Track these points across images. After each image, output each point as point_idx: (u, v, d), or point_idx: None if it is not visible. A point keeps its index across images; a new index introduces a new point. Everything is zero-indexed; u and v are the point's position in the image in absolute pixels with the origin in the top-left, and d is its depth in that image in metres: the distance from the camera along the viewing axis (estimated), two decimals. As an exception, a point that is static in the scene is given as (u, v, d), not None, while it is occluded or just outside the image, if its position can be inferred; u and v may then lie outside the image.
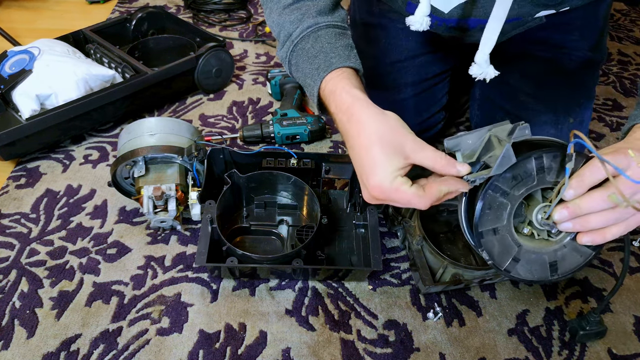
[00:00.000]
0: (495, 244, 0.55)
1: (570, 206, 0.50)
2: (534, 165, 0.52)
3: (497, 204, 0.53)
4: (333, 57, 0.61)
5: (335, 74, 0.60)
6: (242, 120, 1.10)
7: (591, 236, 0.52)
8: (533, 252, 0.56)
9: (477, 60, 0.65)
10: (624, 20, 1.62)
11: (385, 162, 0.51)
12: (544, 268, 0.57)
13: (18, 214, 0.85)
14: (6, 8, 1.52)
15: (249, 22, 1.49)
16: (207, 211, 0.74)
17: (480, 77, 0.67)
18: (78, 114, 0.95)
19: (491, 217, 0.54)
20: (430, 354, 0.69)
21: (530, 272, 0.57)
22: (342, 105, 0.57)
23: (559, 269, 0.57)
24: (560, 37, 0.83)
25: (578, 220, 0.51)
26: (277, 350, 0.68)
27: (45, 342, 0.67)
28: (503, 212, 0.54)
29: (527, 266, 0.57)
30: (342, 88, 0.58)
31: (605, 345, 0.71)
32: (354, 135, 0.55)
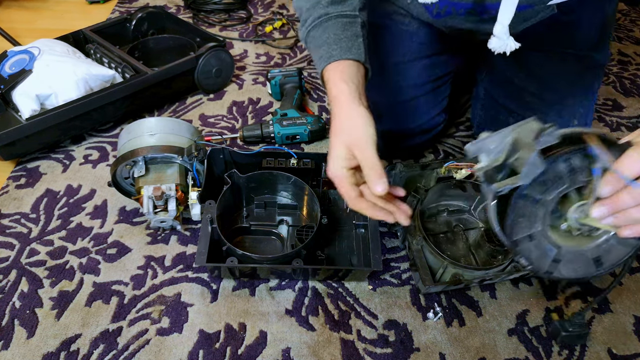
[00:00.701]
0: (533, 249, 0.53)
1: (609, 202, 0.48)
2: (564, 168, 0.48)
3: (529, 211, 0.51)
4: (334, 50, 0.66)
5: (332, 66, 0.66)
6: (242, 120, 1.10)
7: (634, 229, 0.49)
8: (573, 251, 0.54)
9: (496, 33, 0.66)
10: (624, 20, 1.62)
11: (336, 150, 0.61)
12: (588, 264, 0.54)
13: (18, 214, 0.85)
14: (6, 8, 1.52)
15: (249, 22, 1.49)
16: (207, 211, 0.74)
17: (500, 50, 0.67)
18: (78, 114, 0.95)
19: (525, 225, 0.51)
20: (430, 354, 0.69)
21: (573, 271, 0.54)
22: (330, 95, 0.65)
23: (604, 262, 0.55)
24: (568, 38, 0.83)
25: (620, 214, 0.48)
26: (277, 350, 0.68)
27: (45, 342, 0.67)
28: (536, 218, 0.51)
29: (569, 265, 0.54)
30: (332, 81, 0.65)
31: (605, 345, 0.71)
32: (332, 122, 0.64)
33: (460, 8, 0.75)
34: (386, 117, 0.92)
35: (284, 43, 1.39)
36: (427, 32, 0.88)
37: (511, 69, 0.89)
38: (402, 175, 0.84)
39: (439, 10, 0.76)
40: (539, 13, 0.74)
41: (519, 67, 0.88)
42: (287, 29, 1.47)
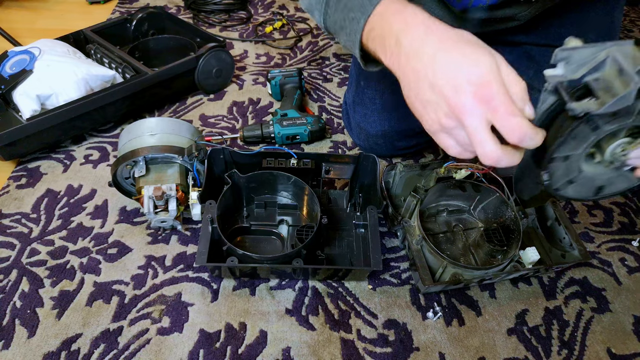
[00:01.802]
0: (561, 168, 0.54)
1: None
2: (639, 106, 0.47)
3: (583, 135, 0.50)
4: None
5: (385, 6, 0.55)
6: (242, 121, 1.10)
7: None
8: (589, 177, 0.56)
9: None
10: (624, 20, 1.62)
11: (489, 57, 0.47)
12: (590, 190, 0.57)
13: (19, 214, 0.85)
14: (6, 8, 1.52)
15: (249, 22, 1.49)
16: (207, 211, 0.75)
17: None
18: (78, 114, 0.95)
19: (571, 146, 0.51)
20: (429, 354, 0.69)
21: (577, 192, 0.57)
22: (417, 18, 0.52)
23: (604, 191, 0.58)
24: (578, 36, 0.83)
25: None
26: (277, 350, 0.69)
27: (46, 341, 0.68)
28: (584, 142, 0.51)
29: (577, 187, 0.57)
30: (413, 8, 0.53)
31: (604, 344, 0.72)
32: (437, 35, 0.50)
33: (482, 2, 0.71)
34: (387, 117, 0.92)
35: (284, 43, 1.39)
36: None
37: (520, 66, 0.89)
38: (402, 175, 0.84)
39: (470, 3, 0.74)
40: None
41: (528, 64, 0.88)
42: (287, 29, 1.47)
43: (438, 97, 0.49)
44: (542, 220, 0.83)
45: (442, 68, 0.48)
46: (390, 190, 0.86)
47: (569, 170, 0.55)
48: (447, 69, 0.48)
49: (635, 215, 0.92)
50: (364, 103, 0.94)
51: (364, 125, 0.95)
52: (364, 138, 0.97)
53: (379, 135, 0.94)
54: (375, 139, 0.95)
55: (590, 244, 0.86)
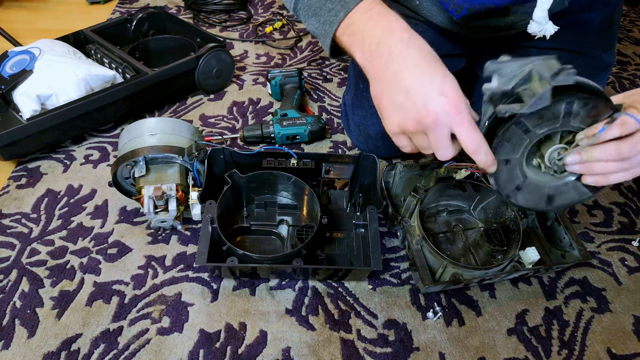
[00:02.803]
0: (504, 173, 0.58)
1: (583, 153, 0.53)
2: (562, 109, 0.52)
3: (516, 138, 0.55)
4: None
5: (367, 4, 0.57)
6: (243, 121, 1.10)
7: (595, 178, 0.55)
8: (536, 184, 0.59)
9: (536, 18, 0.66)
10: (623, 20, 1.62)
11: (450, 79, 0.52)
12: (541, 199, 0.60)
13: (19, 214, 0.85)
14: (6, 8, 1.52)
15: (249, 22, 1.49)
16: (207, 211, 0.75)
17: (540, 34, 0.69)
18: (79, 114, 0.95)
19: (507, 149, 0.56)
20: (429, 354, 0.69)
21: (527, 200, 0.60)
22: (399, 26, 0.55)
23: (555, 202, 0.60)
24: (578, 38, 0.83)
25: (587, 165, 0.54)
26: (277, 350, 0.69)
27: (46, 341, 0.68)
28: (520, 146, 0.56)
29: (526, 195, 0.60)
30: (395, 15, 0.56)
31: (604, 344, 0.72)
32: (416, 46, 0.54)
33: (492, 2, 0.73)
34: None
35: (284, 43, 1.39)
36: (432, 36, 0.88)
37: None
38: (402, 175, 0.84)
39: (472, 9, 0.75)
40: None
41: None
42: (287, 29, 1.47)
43: (410, 102, 0.52)
44: (542, 220, 0.83)
45: (420, 77, 0.52)
46: (390, 190, 0.86)
47: (513, 176, 0.58)
48: (425, 78, 0.52)
49: (635, 215, 0.92)
50: (363, 105, 0.94)
51: (363, 127, 0.95)
52: (364, 139, 0.97)
53: (379, 137, 0.94)
54: (375, 140, 0.95)
55: (590, 244, 0.86)
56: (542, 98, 0.49)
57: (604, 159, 0.53)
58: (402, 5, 0.88)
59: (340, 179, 0.90)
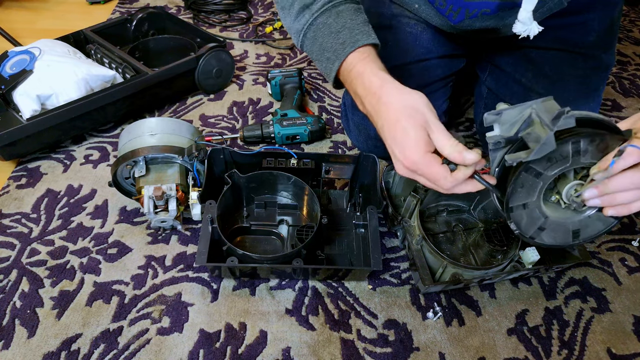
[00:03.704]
0: (524, 217, 0.58)
1: (600, 186, 0.53)
2: (570, 149, 0.52)
3: (529, 183, 0.55)
4: (357, 34, 0.65)
5: (360, 54, 0.64)
6: (243, 121, 1.10)
7: (617, 209, 0.55)
8: (558, 222, 0.59)
9: (521, 18, 0.68)
10: (623, 20, 1.62)
11: (414, 135, 0.56)
12: (567, 235, 0.60)
13: (19, 214, 0.85)
14: (6, 8, 1.52)
15: (249, 22, 1.49)
16: (207, 211, 0.75)
17: (524, 34, 0.70)
18: (79, 114, 0.95)
19: (522, 195, 0.56)
20: (429, 354, 0.69)
21: (553, 238, 0.60)
22: (372, 87, 0.61)
23: (580, 235, 0.60)
24: (578, 38, 0.83)
25: (606, 197, 0.54)
26: (277, 350, 0.69)
27: (46, 341, 0.68)
28: (534, 190, 0.56)
29: (550, 234, 0.59)
30: (370, 71, 0.62)
31: (604, 344, 0.72)
32: (383, 114, 0.59)
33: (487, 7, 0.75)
34: None
35: (284, 43, 1.39)
36: (431, 35, 0.88)
37: (519, 68, 0.89)
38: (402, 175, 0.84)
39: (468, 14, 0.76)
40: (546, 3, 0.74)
41: (527, 67, 0.88)
42: (287, 29, 1.47)
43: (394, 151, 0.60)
44: (542, 220, 0.82)
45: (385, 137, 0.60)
46: (390, 190, 0.86)
47: (534, 218, 0.58)
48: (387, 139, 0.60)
49: (635, 215, 0.92)
50: None
51: (363, 127, 0.95)
52: (363, 140, 0.97)
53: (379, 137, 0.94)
54: (374, 140, 0.95)
55: (590, 244, 0.86)
56: (547, 144, 0.49)
57: (622, 189, 0.53)
58: (401, 6, 0.88)
59: (340, 179, 0.90)
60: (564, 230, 0.60)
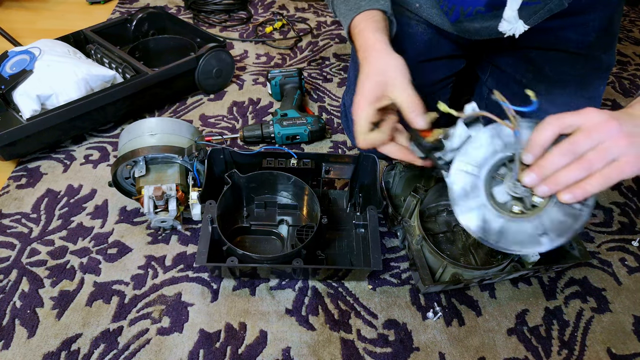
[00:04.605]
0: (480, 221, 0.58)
1: (535, 167, 0.53)
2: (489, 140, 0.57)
3: (469, 184, 0.58)
4: (362, 0, 0.70)
5: (363, 16, 0.69)
6: (243, 121, 1.10)
7: (570, 191, 0.51)
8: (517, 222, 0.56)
9: (506, 17, 0.70)
10: (623, 20, 1.62)
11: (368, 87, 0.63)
12: (533, 237, 0.55)
13: (19, 214, 0.85)
14: (6, 8, 1.52)
15: (249, 22, 1.49)
16: (207, 211, 0.75)
17: (509, 33, 0.72)
18: (79, 114, 0.95)
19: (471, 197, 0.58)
20: (429, 354, 0.69)
21: (519, 244, 0.56)
22: (365, 44, 0.67)
23: (550, 234, 0.55)
24: (578, 39, 0.83)
25: (550, 180, 0.52)
26: (277, 350, 0.69)
27: (46, 341, 0.68)
28: (478, 190, 0.58)
29: (514, 238, 0.56)
30: (366, 30, 0.68)
31: (604, 344, 0.72)
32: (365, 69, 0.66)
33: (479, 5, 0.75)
34: None
35: (284, 43, 1.39)
36: (432, 36, 0.88)
37: (519, 69, 0.89)
38: (402, 175, 0.84)
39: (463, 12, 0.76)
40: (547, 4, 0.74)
41: (528, 67, 0.88)
42: (287, 29, 1.47)
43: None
44: (542, 220, 0.82)
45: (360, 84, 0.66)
46: (390, 190, 0.86)
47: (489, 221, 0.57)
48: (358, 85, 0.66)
49: (635, 215, 0.92)
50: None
51: None
52: None
53: None
54: None
55: (590, 244, 0.86)
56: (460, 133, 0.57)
57: (558, 165, 0.51)
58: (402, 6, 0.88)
59: (340, 179, 0.90)
60: (528, 233, 0.55)
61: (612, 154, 0.49)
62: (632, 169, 0.49)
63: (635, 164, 0.49)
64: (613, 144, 0.49)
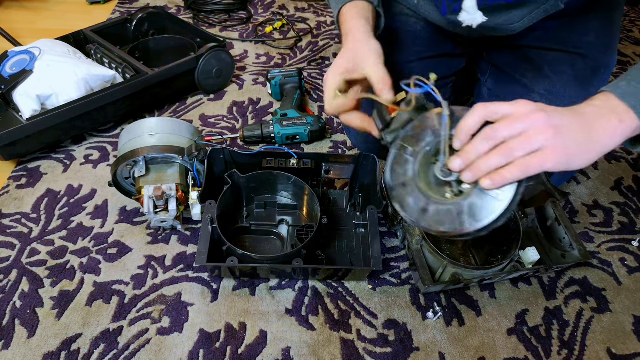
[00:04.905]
0: (405, 196, 0.58)
1: (461, 153, 0.54)
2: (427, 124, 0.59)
3: (402, 160, 0.59)
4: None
5: (348, 6, 0.72)
6: (243, 121, 1.10)
7: (490, 178, 0.53)
8: (441, 203, 0.56)
9: (465, 8, 0.72)
10: (623, 20, 1.62)
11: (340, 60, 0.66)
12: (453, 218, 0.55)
13: (19, 214, 0.85)
14: (6, 8, 1.52)
15: (249, 22, 1.49)
16: (207, 211, 0.75)
17: (468, 23, 0.74)
18: (79, 114, 0.95)
19: (400, 173, 0.59)
20: (429, 354, 0.69)
21: (440, 224, 0.56)
22: (347, 30, 0.70)
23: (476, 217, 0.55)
24: (577, 39, 0.83)
25: (473, 166, 0.53)
26: (277, 350, 0.69)
27: (46, 341, 0.68)
28: (408, 166, 0.59)
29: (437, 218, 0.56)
30: (349, 18, 0.71)
31: (604, 344, 0.72)
32: (341, 50, 0.69)
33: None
34: None
35: (284, 43, 1.39)
36: (431, 34, 0.88)
37: (519, 69, 0.89)
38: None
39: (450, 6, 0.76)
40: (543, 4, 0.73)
41: (527, 67, 0.88)
42: (287, 29, 1.47)
43: None
44: (542, 220, 0.83)
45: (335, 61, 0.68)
46: (390, 190, 0.86)
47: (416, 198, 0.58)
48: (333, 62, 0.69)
49: (635, 215, 0.92)
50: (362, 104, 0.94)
51: None
52: (363, 139, 0.97)
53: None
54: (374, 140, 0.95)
55: (590, 244, 0.86)
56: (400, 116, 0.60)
57: (481, 150, 0.52)
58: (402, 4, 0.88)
59: (340, 179, 0.90)
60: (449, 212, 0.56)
61: (536, 143, 0.50)
62: (555, 160, 0.50)
63: (559, 156, 0.50)
64: (538, 133, 0.50)
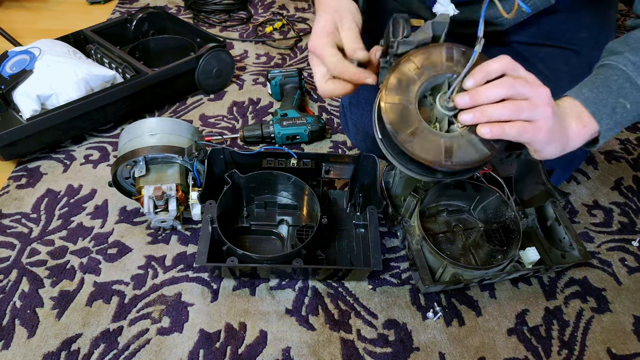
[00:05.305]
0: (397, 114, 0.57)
1: (471, 92, 0.54)
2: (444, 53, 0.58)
3: (407, 78, 0.57)
4: None
5: None
6: (243, 121, 1.10)
7: (490, 127, 0.53)
8: (430, 131, 0.56)
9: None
10: (623, 20, 1.62)
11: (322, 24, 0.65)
12: (438, 151, 0.56)
13: (19, 214, 0.85)
14: (6, 8, 1.52)
15: (249, 22, 1.49)
16: (207, 211, 0.75)
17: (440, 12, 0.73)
18: (79, 114, 0.95)
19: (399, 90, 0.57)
20: (429, 354, 0.69)
21: (424, 151, 0.56)
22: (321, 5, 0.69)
23: (453, 156, 0.55)
24: (570, 35, 0.83)
25: (478, 110, 0.53)
26: (277, 350, 0.69)
27: (46, 341, 0.68)
28: (411, 86, 0.57)
29: (422, 144, 0.56)
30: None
31: (604, 344, 0.72)
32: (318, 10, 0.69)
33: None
34: None
35: (284, 43, 1.39)
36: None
37: None
38: (402, 175, 0.84)
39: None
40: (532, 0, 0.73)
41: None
42: (287, 29, 1.47)
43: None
44: (542, 220, 0.83)
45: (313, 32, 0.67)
46: (390, 190, 0.86)
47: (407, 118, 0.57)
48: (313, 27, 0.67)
49: (635, 215, 0.92)
50: (360, 104, 0.95)
51: (361, 126, 0.95)
52: (362, 138, 0.97)
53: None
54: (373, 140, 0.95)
55: (590, 244, 0.86)
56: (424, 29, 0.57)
57: (493, 98, 0.52)
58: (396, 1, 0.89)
59: (340, 179, 0.90)
60: (436, 145, 0.56)
61: (538, 114, 0.53)
62: (542, 136, 0.54)
63: (546, 135, 0.54)
64: (542, 105, 0.53)
